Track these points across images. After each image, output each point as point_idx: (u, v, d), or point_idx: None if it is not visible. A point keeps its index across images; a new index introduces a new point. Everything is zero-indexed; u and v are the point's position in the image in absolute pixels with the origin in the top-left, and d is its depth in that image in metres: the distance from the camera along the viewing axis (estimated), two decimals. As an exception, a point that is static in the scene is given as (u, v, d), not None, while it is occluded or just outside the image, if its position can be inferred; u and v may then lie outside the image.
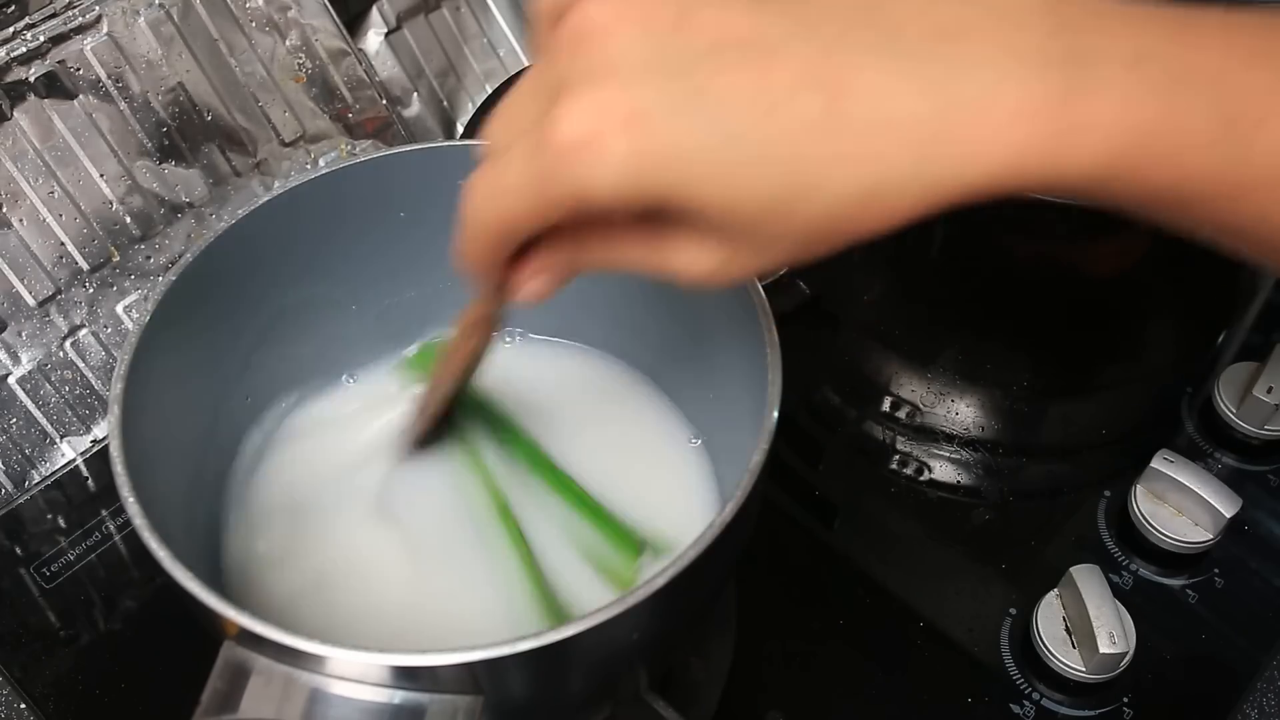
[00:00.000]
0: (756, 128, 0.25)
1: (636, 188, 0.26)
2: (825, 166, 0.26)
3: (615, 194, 0.26)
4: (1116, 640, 0.46)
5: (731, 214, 0.27)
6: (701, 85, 0.26)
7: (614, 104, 0.26)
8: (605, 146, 0.26)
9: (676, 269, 0.29)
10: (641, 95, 0.26)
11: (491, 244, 0.31)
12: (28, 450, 0.56)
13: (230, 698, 0.32)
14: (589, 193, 0.26)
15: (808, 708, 0.48)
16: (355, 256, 0.48)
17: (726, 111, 0.25)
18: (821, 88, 0.25)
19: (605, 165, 0.26)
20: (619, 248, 0.30)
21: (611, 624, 0.32)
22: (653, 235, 0.29)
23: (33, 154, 0.54)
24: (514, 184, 0.28)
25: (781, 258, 0.28)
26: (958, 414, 0.59)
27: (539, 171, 0.27)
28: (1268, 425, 0.56)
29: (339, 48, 0.63)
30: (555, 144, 0.26)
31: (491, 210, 0.30)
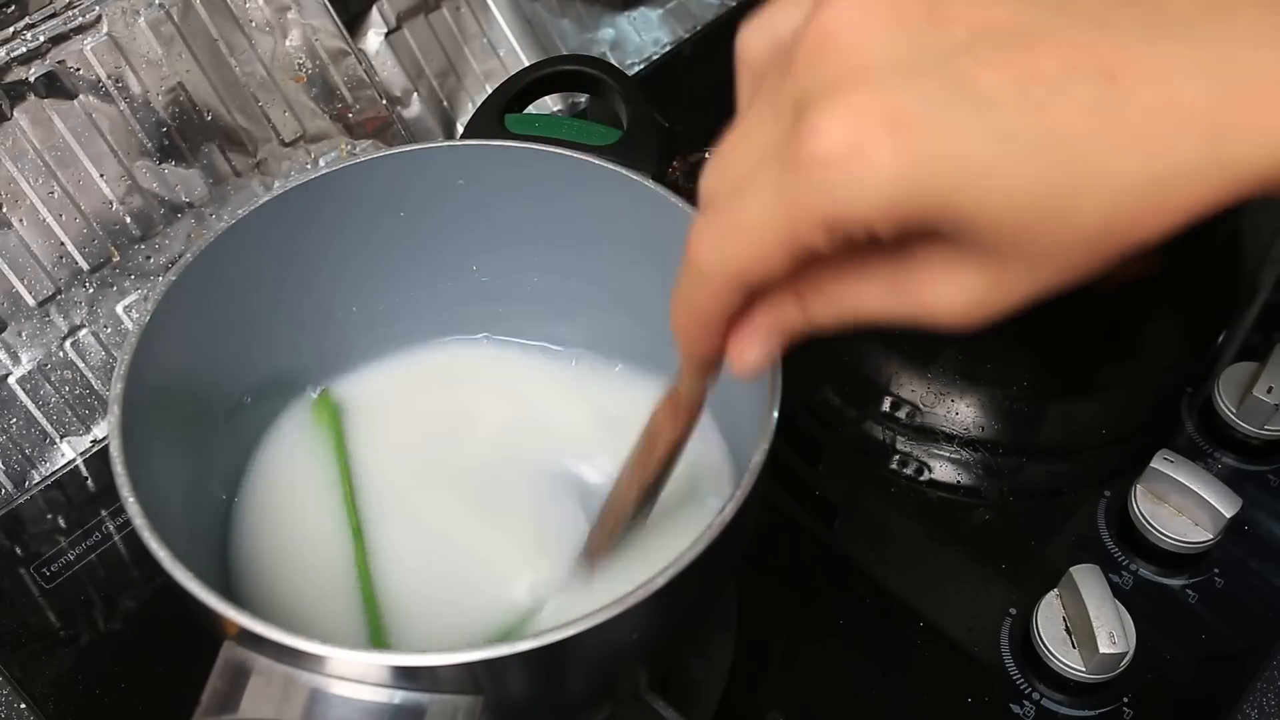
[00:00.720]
0: (1030, 121, 0.23)
1: (907, 198, 0.23)
2: (1108, 156, 0.23)
3: (883, 209, 0.24)
4: (1116, 640, 0.46)
5: (1009, 220, 0.24)
6: (965, 80, 0.23)
7: (874, 108, 0.23)
8: (871, 155, 0.23)
9: (933, 306, 0.27)
10: (903, 95, 0.23)
11: (722, 301, 0.28)
12: (28, 450, 0.56)
13: (230, 698, 0.32)
14: (854, 211, 0.24)
15: (808, 708, 0.48)
16: (355, 256, 0.48)
17: (996, 106, 0.23)
18: (1095, 72, 0.23)
19: (873, 177, 0.23)
20: (859, 289, 0.27)
21: (611, 624, 0.32)
22: (900, 270, 0.26)
23: (33, 154, 0.54)
24: (757, 218, 0.25)
25: (1050, 279, 0.25)
26: (958, 414, 0.59)
27: (790, 196, 0.24)
28: (1268, 425, 0.56)
29: (339, 48, 0.63)
30: (811, 159, 0.24)
31: (727, 256, 0.26)
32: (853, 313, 0.28)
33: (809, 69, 0.24)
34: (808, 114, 0.24)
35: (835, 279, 0.27)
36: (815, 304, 0.28)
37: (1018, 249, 0.25)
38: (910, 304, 0.27)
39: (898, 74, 0.23)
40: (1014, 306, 0.26)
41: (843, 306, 0.28)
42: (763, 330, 0.29)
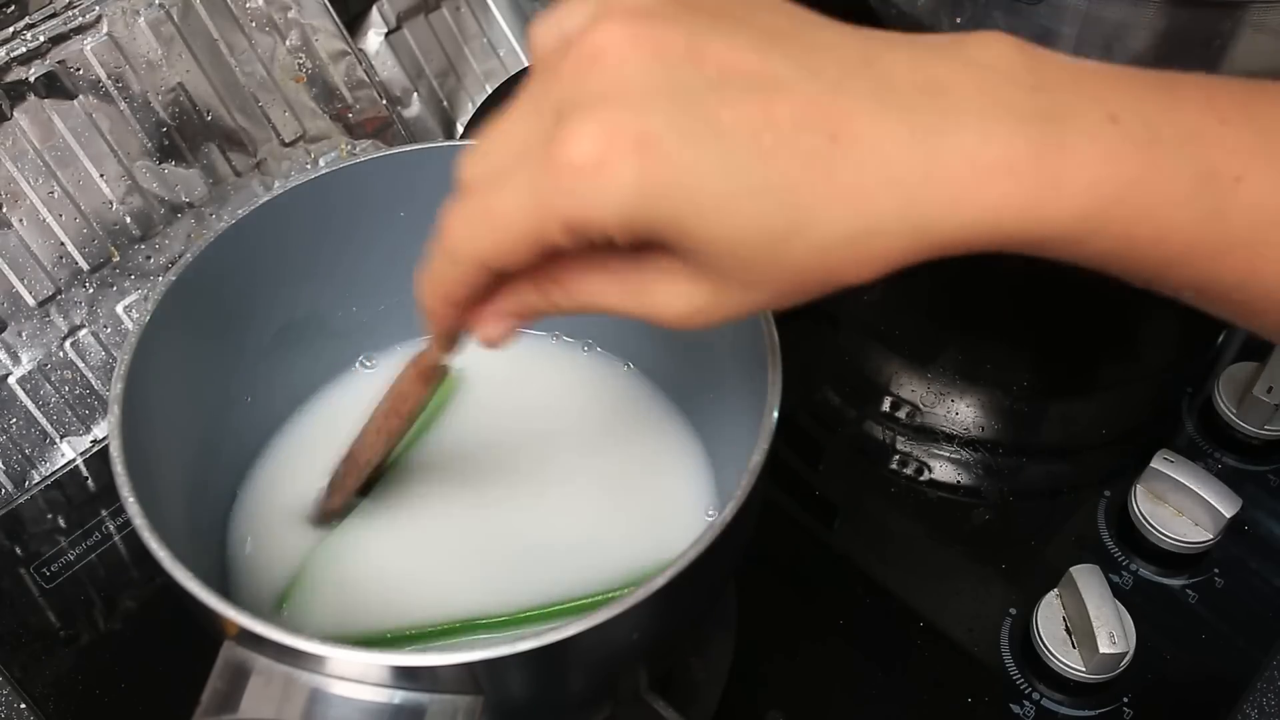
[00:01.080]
0: (759, 161, 0.25)
1: (641, 214, 0.26)
2: (821, 204, 0.26)
3: (620, 219, 0.26)
4: (1116, 640, 0.46)
5: (727, 248, 0.27)
6: (709, 115, 0.26)
7: (626, 127, 0.25)
8: (615, 170, 0.25)
9: (657, 308, 0.29)
10: (653, 120, 0.25)
11: (468, 281, 0.30)
12: (28, 450, 0.56)
13: (230, 698, 0.32)
14: (593, 217, 0.26)
15: (808, 707, 0.48)
16: (355, 256, 0.48)
17: (732, 143, 0.25)
18: (821, 127, 0.26)
19: (614, 188, 0.25)
20: (596, 286, 0.30)
21: (611, 624, 0.32)
22: (633, 272, 0.29)
23: (33, 154, 0.54)
24: (509, 210, 0.27)
25: (763, 301, 0.28)
26: (958, 414, 0.59)
27: (540, 194, 0.27)
28: (1268, 425, 0.56)
29: (339, 48, 0.63)
30: (562, 163, 0.26)
31: (479, 240, 0.28)
32: (589, 304, 0.30)
33: (574, 79, 0.27)
34: (565, 121, 0.26)
35: (575, 273, 0.30)
36: (554, 293, 0.30)
37: (734, 273, 0.27)
38: (640, 303, 0.29)
39: (651, 100, 0.26)
40: (729, 318, 0.29)
41: (581, 297, 0.30)
42: (504, 312, 0.31)
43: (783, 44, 0.27)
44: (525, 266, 0.29)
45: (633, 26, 0.26)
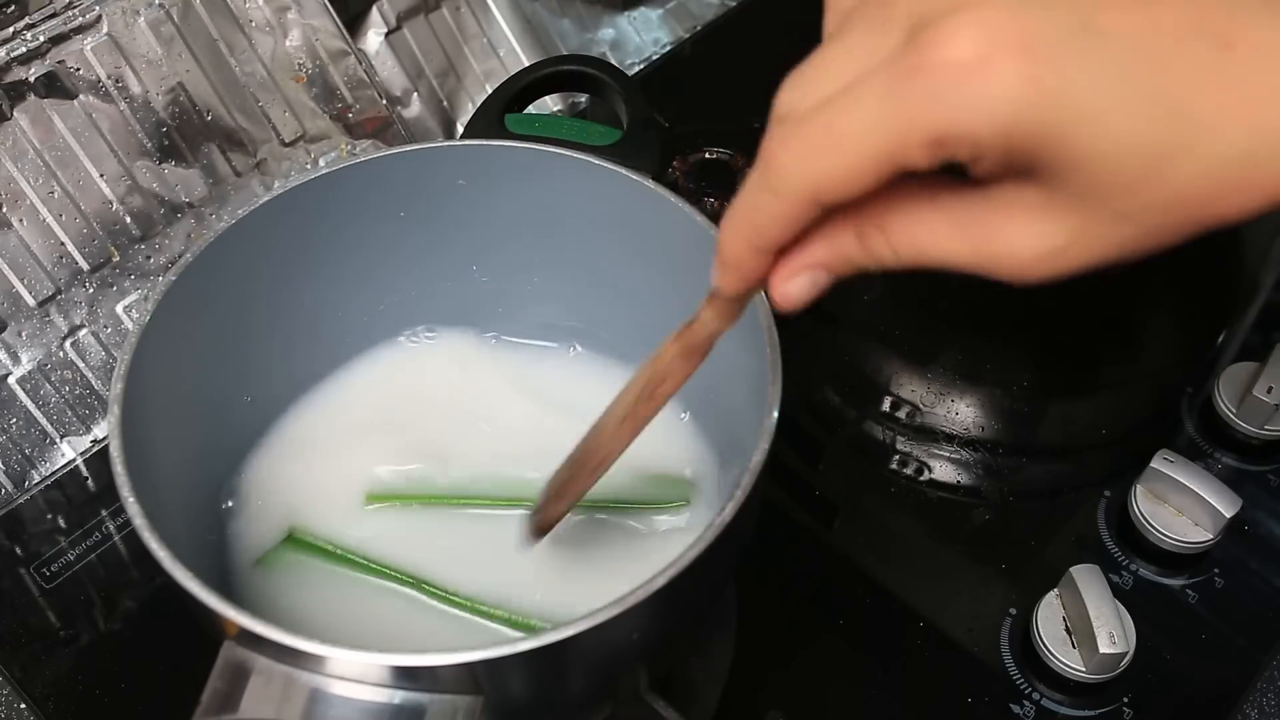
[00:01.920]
0: (1149, 68, 0.24)
1: (1026, 124, 0.23)
2: (1215, 119, 0.24)
3: (1001, 129, 0.24)
4: (1116, 640, 0.46)
5: (1112, 164, 0.24)
6: (1092, 21, 0.24)
7: (1008, 25, 0.23)
8: (999, 70, 0.23)
9: (1005, 252, 0.26)
10: (1036, 21, 0.23)
11: (793, 217, 0.26)
12: (28, 450, 0.56)
13: (230, 698, 0.32)
14: (971, 124, 0.24)
15: (808, 707, 0.48)
16: (355, 256, 0.48)
17: (1119, 48, 0.24)
18: (1215, 34, 0.24)
19: (997, 92, 0.23)
20: (928, 228, 0.26)
21: (611, 624, 0.32)
22: (976, 209, 0.26)
23: (33, 154, 0.54)
24: (858, 128, 0.24)
25: (1130, 239, 0.25)
26: (958, 414, 0.59)
27: (903, 103, 0.24)
28: (1268, 425, 0.56)
29: (339, 48, 0.63)
30: (934, 65, 0.23)
31: (817, 165, 0.25)
32: (916, 252, 0.27)
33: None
34: (934, 24, 0.24)
35: (904, 213, 0.27)
36: (875, 240, 0.27)
37: (1109, 200, 0.24)
38: (981, 247, 0.26)
39: (1033, 3, 0.24)
40: (1086, 265, 0.26)
41: (907, 244, 0.27)
42: (815, 262, 0.28)
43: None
44: (856, 200, 0.26)
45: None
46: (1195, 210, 0.25)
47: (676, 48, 0.78)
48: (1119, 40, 0.24)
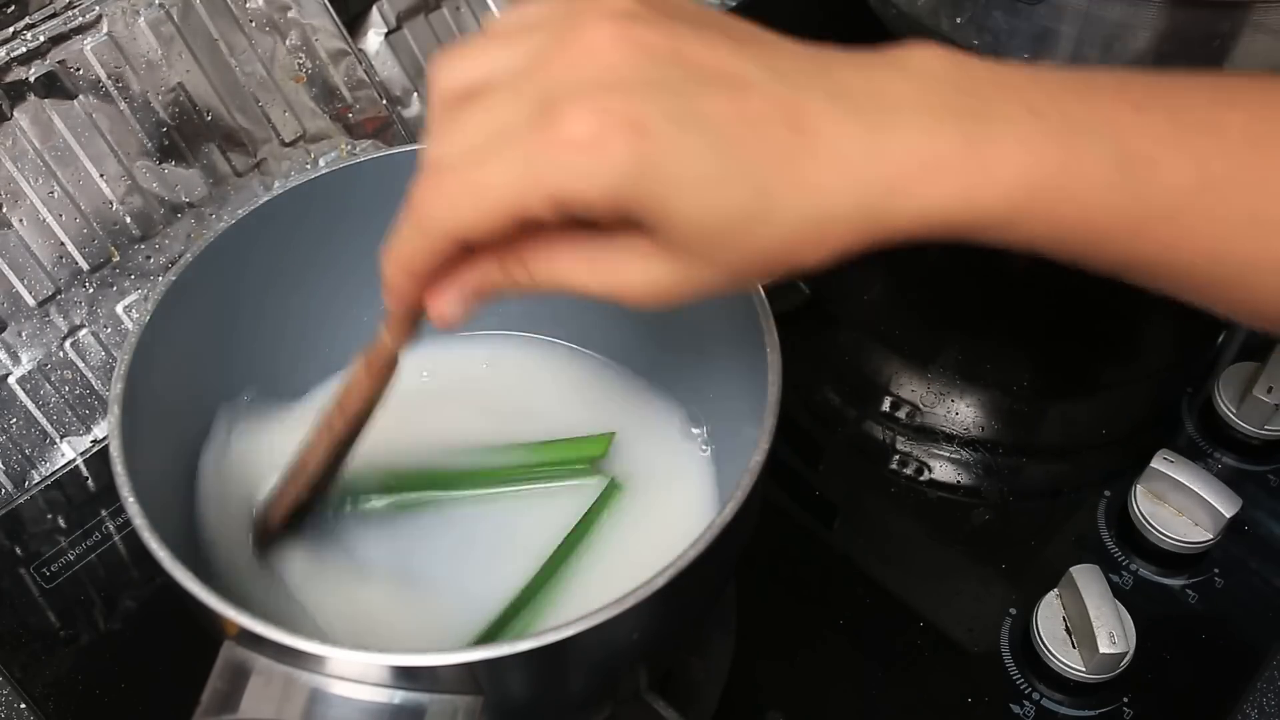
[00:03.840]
0: (735, 148, 0.28)
1: (628, 190, 0.28)
2: (785, 191, 0.28)
3: (607, 195, 0.28)
4: (1116, 640, 0.46)
5: (701, 227, 0.29)
6: (692, 106, 0.28)
7: (620, 111, 0.27)
8: (610, 147, 0.27)
9: (622, 285, 0.31)
10: (644, 107, 0.27)
11: (436, 252, 0.31)
12: (28, 450, 0.56)
13: (230, 698, 0.32)
14: (583, 191, 0.28)
15: (808, 708, 0.48)
16: (355, 256, 0.47)
17: (711, 131, 0.28)
18: (787, 122, 0.28)
19: (607, 165, 0.27)
20: (562, 263, 0.31)
21: (611, 624, 0.32)
22: (601, 250, 0.31)
23: (33, 154, 0.54)
24: (495, 183, 0.29)
25: (723, 280, 0.30)
26: (958, 414, 0.59)
27: (532, 168, 0.28)
28: (1268, 425, 0.56)
29: (339, 48, 0.63)
30: (561, 140, 0.27)
31: (456, 211, 0.30)
32: (553, 280, 0.32)
33: (564, 70, 0.29)
34: (561, 104, 0.28)
35: (541, 251, 0.31)
36: (517, 270, 0.32)
37: (703, 251, 0.29)
38: (605, 281, 0.31)
39: (642, 90, 0.28)
40: (690, 297, 0.31)
41: (545, 274, 0.32)
42: (466, 288, 0.32)
43: (751, 50, 0.29)
44: (496, 241, 0.30)
45: (619, 26, 0.29)
46: (775, 261, 0.30)
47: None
48: (713, 124, 0.28)
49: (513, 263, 0.32)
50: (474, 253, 0.32)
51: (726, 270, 0.30)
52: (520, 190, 0.28)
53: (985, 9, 0.55)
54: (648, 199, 0.28)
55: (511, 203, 0.29)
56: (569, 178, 0.28)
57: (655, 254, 0.30)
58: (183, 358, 0.42)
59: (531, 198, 0.28)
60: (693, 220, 0.28)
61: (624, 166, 0.27)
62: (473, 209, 0.29)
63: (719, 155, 0.28)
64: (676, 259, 0.30)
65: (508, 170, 0.28)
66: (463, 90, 0.31)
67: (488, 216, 0.29)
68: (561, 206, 0.28)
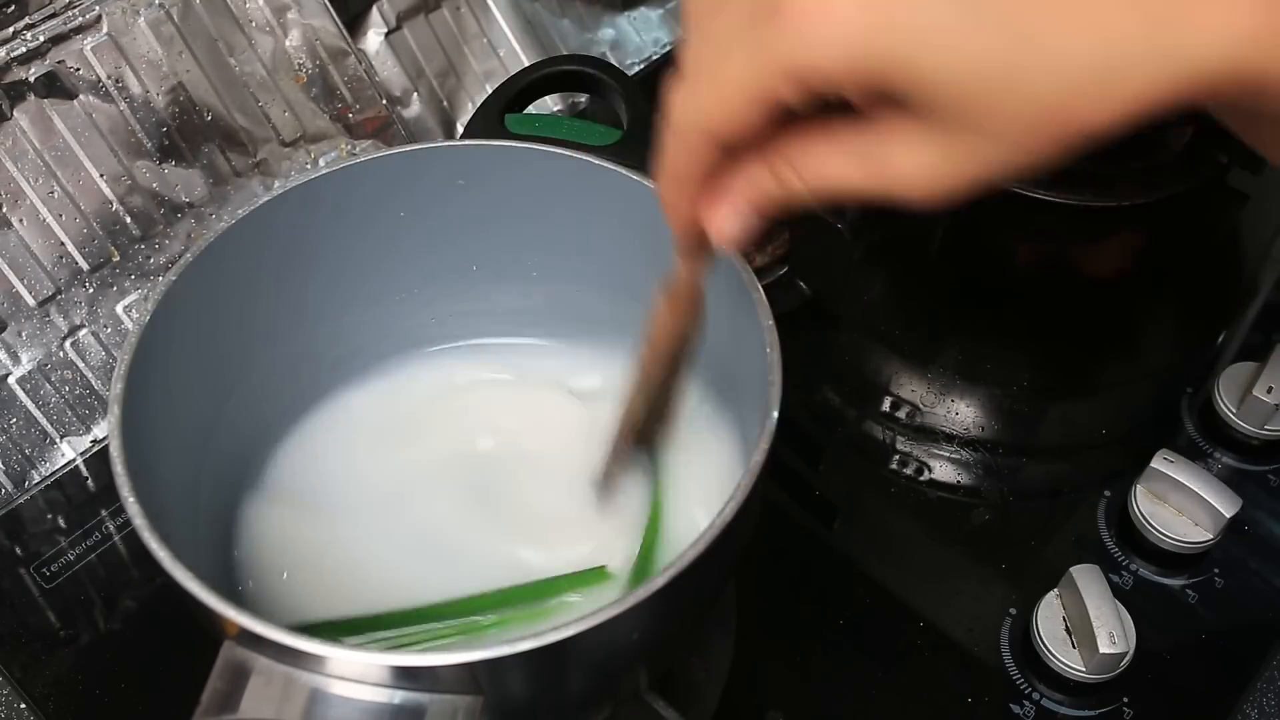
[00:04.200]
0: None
1: (867, 53, 0.25)
2: (1061, 36, 0.25)
3: (847, 64, 0.26)
4: (1116, 640, 0.46)
5: (959, 86, 0.25)
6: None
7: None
8: (836, 10, 0.25)
9: (898, 179, 0.28)
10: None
11: (697, 155, 0.29)
12: (28, 450, 0.56)
13: (230, 698, 0.32)
14: (817, 62, 0.26)
15: (808, 707, 0.48)
16: (355, 256, 0.48)
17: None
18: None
19: (836, 30, 0.25)
20: (829, 159, 0.29)
21: (611, 624, 0.32)
22: (867, 140, 0.28)
23: (33, 154, 0.54)
24: (730, 71, 0.27)
25: (1006, 158, 0.27)
26: (958, 414, 0.59)
27: (760, 47, 0.26)
28: (1268, 425, 0.56)
29: (339, 48, 0.63)
30: (781, 12, 0.26)
31: (700, 108, 0.28)
32: (824, 183, 0.29)
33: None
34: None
35: (807, 148, 0.29)
36: (786, 174, 0.29)
37: (972, 121, 0.26)
38: (877, 175, 0.28)
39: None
40: (973, 183, 0.27)
41: (814, 176, 0.29)
42: (739, 198, 0.30)
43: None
44: (754, 134, 0.28)
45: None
46: (1058, 125, 0.26)
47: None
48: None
49: (781, 165, 0.29)
50: (740, 160, 0.30)
51: (1008, 142, 0.26)
52: (758, 73, 0.27)
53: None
54: (890, 60, 0.25)
55: (753, 88, 0.27)
56: (801, 48, 0.26)
57: (926, 135, 0.27)
58: (183, 358, 0.42)
59: (771, 79, 0.27)
60: (947, 78, 0.25)
61: (855, 27, 0.25)
62: (718, 100, 0.28)
63: (969, 3, 0.25)
64: (949, 136, 0.27)
65: (745, 56, 0.27)
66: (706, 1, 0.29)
67: (733, 106, 0.28)
68: (803, 84, 0.26)
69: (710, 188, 0.31)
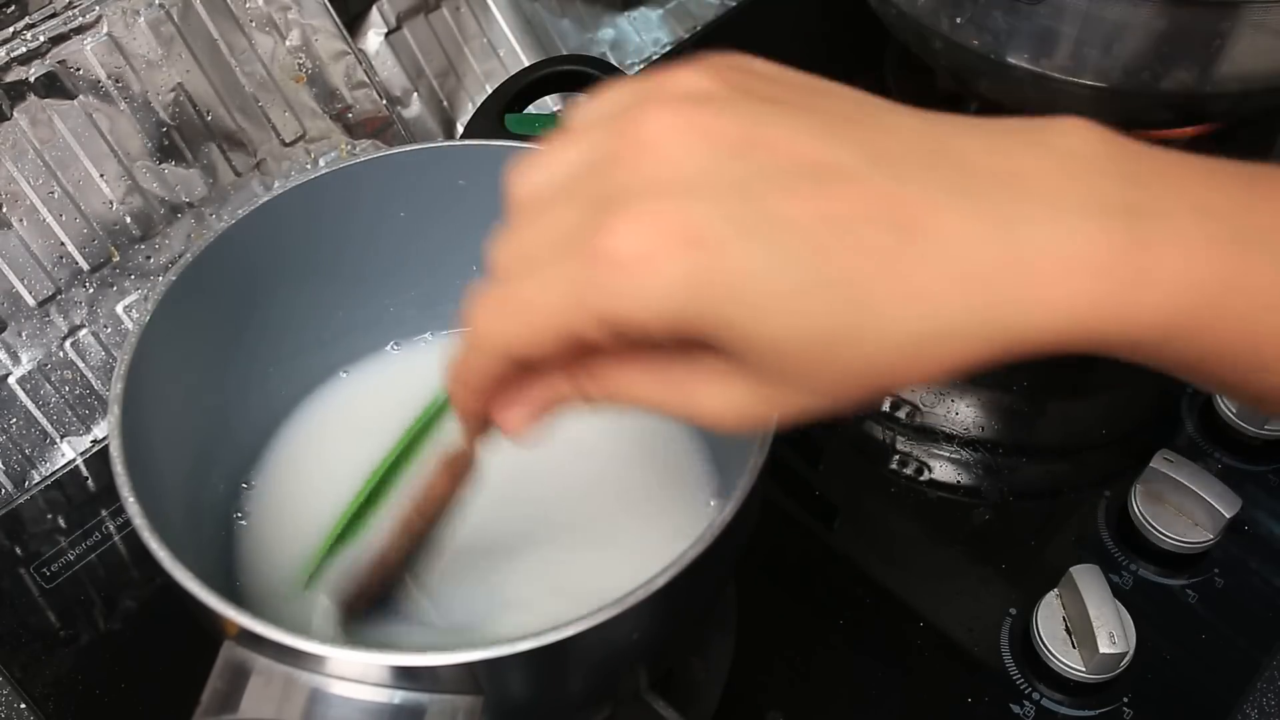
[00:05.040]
0: (819, 257, 0.24)
1: (687, 313, 0.24)
2: (886, 304, 0.24)
3: (662, 318, 0.24)
4: (1116, 640, 0.46)
5: (781, 350, 0.25)
6: (766, 208, 0.24)
7: (675, 221, 0.24)
8: (658, 266, 0.24)
9: (700, 409, 0.27)
10: (704, 215, 0.24)
11: (492, 372, 0.29)
12: (28, 450, 0.56)
13: (230, 698, 0.32)
14: (634, 314, 0.24)
15: (808, 708, 0.48)
16: (355, 257, 0.48)
17: (790, 237, 0.24)
18: (889, 220, 0.24)
19: (656, 287, 0.24)
20: (633, 381, 0.28)
21: (611, 624, 0.32)
22: (675, 369, 0.27)
23: (33, 154, 0.54)
24: (538, 301, 0.26)
25: (816, 405, 0.26)
26: (958, 414, 0.59)
27: (574, 287, 0.25)
28: (1268, 425, 0.56)
29: (339, 48, 0.63)
30: (600, 256, 0.24)
31: (503, 332, 0.27)
32: (626, 398, 0.29)
33: (620, 170, 0.25)
34: (609, 211, 0.24)
35: (611, 366, 0.28)
36: (588, 385, 0.29)
37: (788, 377, 0.25)
38: (681, 403, 0.28)
39: (703, 192, 0.24)
40: (780, 422, 0.27)
41: (615, 392, 0.29)
42: (532, 402, 0.30)
43: (846, 130, 0.25)
44: (552, 359, 0.27)
45: (684, 113, 0.25)
46: (875, 384, 0.25)
47: (676, 48, 0.78)
48: (792, 229, 0.24)
49: (583, 377, 0.29)
50: (538, 370, 0.29)
51: (818, 395, 0.26)
52: (565, 312, 0.25)
53: (985, 9, 0.55)
54: (713, 320, 0.24)
55: (559, 325, 0.26)
56: (615, 299, 0.24)
57: (734, 376, 0.26)
58: (183, 358, 0.42)
59: (578, 320, 0.25)
60: (771, 342, 0.24)
61: (677, 286, 0.24)
62: (522, 329, 0.26)
63: (799, 266, 0.23)
64: (759, 382, 0.26)
65: (552, 289, 0.25)
66: (530, 198, 0.27)
67: (537, 338, 0.26)
68: (613, 329, 0.25)
69: (503, 391, 0.30)
